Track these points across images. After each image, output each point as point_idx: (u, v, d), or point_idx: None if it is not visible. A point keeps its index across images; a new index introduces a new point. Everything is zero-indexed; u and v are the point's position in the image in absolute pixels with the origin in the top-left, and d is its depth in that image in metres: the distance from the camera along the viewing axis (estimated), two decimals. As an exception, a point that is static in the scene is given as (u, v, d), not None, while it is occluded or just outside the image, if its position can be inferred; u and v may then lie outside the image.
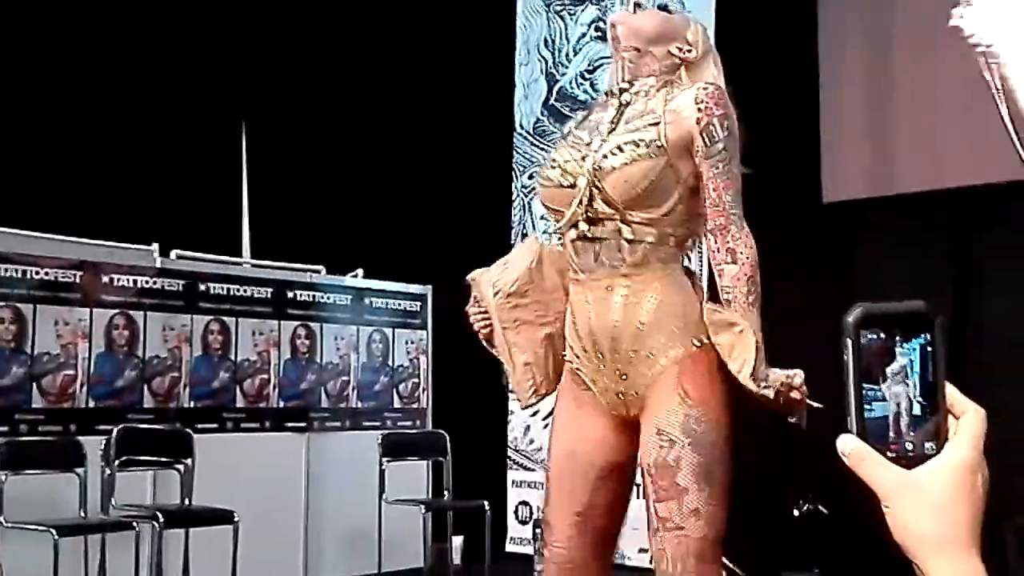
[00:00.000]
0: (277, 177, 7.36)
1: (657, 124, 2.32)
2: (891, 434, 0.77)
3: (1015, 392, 4.80)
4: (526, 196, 6.97)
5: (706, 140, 2.29)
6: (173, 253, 5.95)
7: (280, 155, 7.29)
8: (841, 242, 6.04)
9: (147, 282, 5.70)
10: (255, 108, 7.46)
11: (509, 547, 6.51)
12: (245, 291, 6.11)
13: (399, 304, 6.82)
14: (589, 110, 2.58)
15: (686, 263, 2.49)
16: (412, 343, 6.84)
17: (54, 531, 4.64)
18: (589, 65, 6.86)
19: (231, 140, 7.48)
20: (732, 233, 2.30)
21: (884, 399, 0.77)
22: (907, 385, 0.77)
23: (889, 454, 0.76)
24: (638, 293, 2.30)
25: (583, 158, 2.35)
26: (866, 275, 5.81)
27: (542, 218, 6.78)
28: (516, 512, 6.64)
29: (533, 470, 6.58)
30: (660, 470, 2.23)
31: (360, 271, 6.74)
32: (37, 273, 5.33)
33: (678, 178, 2.32)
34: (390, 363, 6.72)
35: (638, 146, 2.29)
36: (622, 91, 2.46)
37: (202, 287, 5.92)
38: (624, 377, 2.32)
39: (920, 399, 0.77)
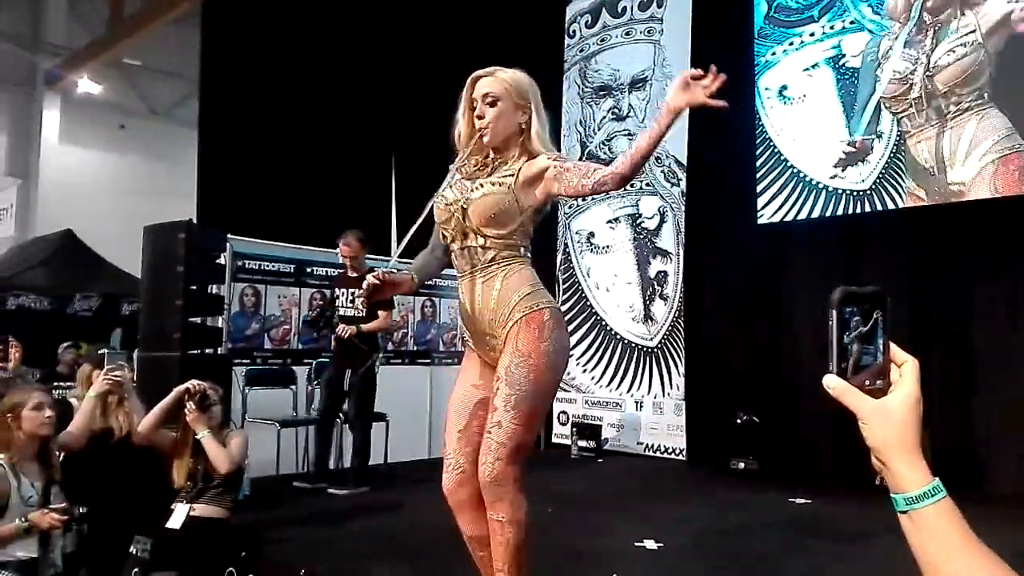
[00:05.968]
0: (414, 202, 7.04)
1: (512, 175, 2.21)
2: (858, 375, 0.75)
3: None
4: (567, 219, 6.95)
5: (556, 164, 2.18)
6: (349, 255, 6.00)
7: (417, 187, 6.80)
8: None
9: (332, 271, 5.64)
10: (401, 159, 7.30)
11: (554, 439, 6.58)
12: (393, 277, 6.18)
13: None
14: (455, 172, 2.37)
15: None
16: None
17: (277, 423, 4.93)
18: (607, 137, 6.74)
19: (385, 182, 7.43)
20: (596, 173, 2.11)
21: (852, 352, 0.74)
22: (867, 342, 0.75)
23: (860, 388, 0.75)
24: (489, 282, 2.20)
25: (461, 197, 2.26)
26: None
27: (577, 232, 6.88)
28: (559, 417, 6.62)
29: (568, 391, 6.53)
30: (492, 396, 2.14)
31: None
32: (268, 266, 5.51)
33: (521, 208, 2.20)
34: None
35: (495, 186, 2.21)
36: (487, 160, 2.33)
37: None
38: (491, 338, 2.21)
39: (876, 351, 0.75)
